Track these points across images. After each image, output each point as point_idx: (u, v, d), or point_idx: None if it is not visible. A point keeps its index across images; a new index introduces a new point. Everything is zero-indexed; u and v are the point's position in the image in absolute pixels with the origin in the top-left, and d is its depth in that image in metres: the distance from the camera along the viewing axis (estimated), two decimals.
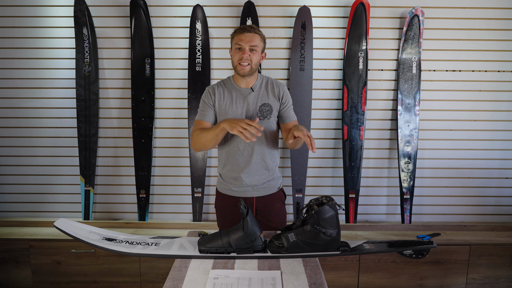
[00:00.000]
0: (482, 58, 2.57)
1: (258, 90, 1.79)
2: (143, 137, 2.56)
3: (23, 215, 2.70)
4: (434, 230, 2.58)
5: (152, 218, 2.71)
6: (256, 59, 1.73)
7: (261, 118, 1.77)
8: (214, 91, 1.80)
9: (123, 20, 2.51)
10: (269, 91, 1.80)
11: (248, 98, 1.78)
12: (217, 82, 1.85)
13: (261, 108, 1.77)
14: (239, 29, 1.74)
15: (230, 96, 1.79)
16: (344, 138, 2.56)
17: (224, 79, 1.86)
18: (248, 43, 1.70)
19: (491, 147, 2.66)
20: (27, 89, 2.57)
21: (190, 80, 2.52)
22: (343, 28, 2.53)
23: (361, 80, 2.52)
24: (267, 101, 1.78)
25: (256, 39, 1.72)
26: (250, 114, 1.77)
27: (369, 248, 1.45)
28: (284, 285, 1.21)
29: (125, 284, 2.42)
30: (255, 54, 1.72)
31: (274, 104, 1.79)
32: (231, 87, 1.80)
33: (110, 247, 1.39)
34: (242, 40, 1.71)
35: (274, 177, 1.84)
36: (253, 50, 1.71)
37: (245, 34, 1.71)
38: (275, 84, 1.82)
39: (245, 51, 1.70)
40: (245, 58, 1.70)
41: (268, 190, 1.83)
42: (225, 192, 1.84)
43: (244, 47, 1.70)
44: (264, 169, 1.80)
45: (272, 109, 1.78)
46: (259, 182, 1.80)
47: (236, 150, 1.77)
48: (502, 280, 2.46)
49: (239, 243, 1.38)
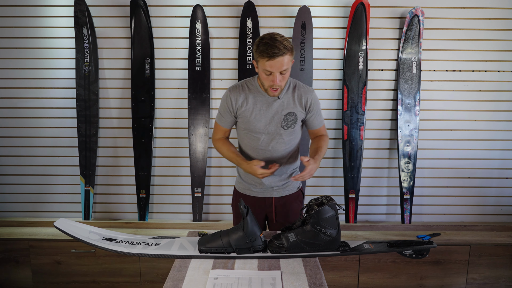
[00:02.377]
0: (482, 58, 2.57)
1: (284, 98, 1.67)
2: (143, 137, 2.56)
3: (23, 215, 2.70)
4: (434, 230, 2.58)
5: (152, 218, 2.71)
6: (286, 78, 1.59)
7: (285, 128, 1.69)
8: (236, 97, 1.67)
9: (123, 20, 2.51)
10: (295, 99, 1.68)
11: (273, 105, 1.66)
12: (240, 82, 1.72)
13: (286, 118, 1.67)
14: (267, 53, 1.49)
15: (254, 101, 1.67)
16: (344, 138, 2.56)
17: (248, 80, 1.72)
18: (279, 69, 1.52)
19: (491, 147, 2.66)
20: (27, 89, 2.57)
21: (190, 80, 2.52)
22: (343, 28, 2.53)
23: (361, 80, 2.52)
24: (292, 109, 1.67)
25: (286, 60, 1.51)
26: (274, 123, 1.67)
27: (369, 248, 1.45)
28: (284, 285, 1.21)
29: (125, 284, 2.42)
30: (286, 74, 1.56)
31: (299, 113, 1.69)
32: (256, 92, 1.67)
33: (110, 247, 1.39)
34: (271, 66, 1.51)
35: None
36: (284, 72, 1.55)
37: (276, 60, 1.49)
38: (302, 92, 1.69)
39: (275, 79, 1.54)
40: (276, 85, 1.56)
41: (287, 191, 1.81)
42: (244, 192, 1.82)
43: (275, 74, 1.53)
44: (284, 173, 1.78)
45: (297, 119, 1.69)
46: (279, 184, 1.78)
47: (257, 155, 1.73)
48: (502, 280, 2.46)
49: (239, 243, 1.38)
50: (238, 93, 1.69)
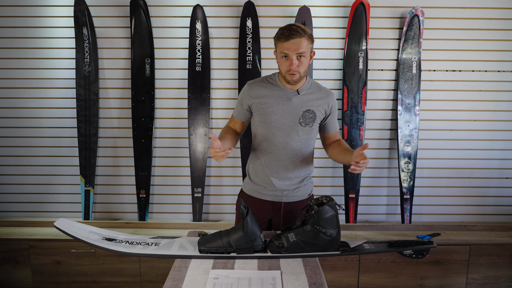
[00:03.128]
0: (482, 58, 2.57)
1: (304, 94, 1.64)
2: (143, 137, 2.56)
3: (23, 215, 2.70)
4: (434, 230, 2.58)
5: (152, 218, 2.71)
6: (305, 65, 1.54)
7: (302, 125, 1.63)
8: (253, 90, 1.65)
9: (123, 20, 2.51)
10: (317, 98, 1.65)
11: (292, 100, 1.62)
12: (261, 78, 1.70)
13: (304, 114, 1.63)
14: (283, 35, 1.50)
15: (273, 94, 1.63)
16: (344, 138, 2.56)
17: (269, 75, 1.70)
18: (295, 51, 1.49)
19: (491, 147, 2.66)
20: (27, 89, 2.57)
21: (190, 80, 2.52)
22: (343, 28, 2.53)
23: (361, 80, 2.52)
24: (312, 107, 1.63)
25: (304, 44, 1.50)
26: (291, 118, 1.63)
27: (369, 248, 1.45)
28: (284, 285, 1.21)
29: (125, 284, 2.42)
30: (303, 60, 1.53)
31: (318, 113, 1.65)
32: (276, 86, 1.64)
33: (110, 247, 1.39)
34: (288, 48, 1.49)
35: (306, 184, 1.75)
36: (301, 56, 1.51)
37: (291, 41, 1.49)
38: (324, 93, 1.67)
39: (292, 62, 1.51)
40: (293, 70, 1.52)
41: (298, 197, 1.74)
42: (252, 194, 1.75)
43: (291, 57, 1.51)
44: (296, 177, 1.71)
45: (316, 117, 1.65)
46: (290, 188, 1.71)
47: (271, 153, 1.68)
48: (502, 280, 2.46)
49: (239, 243, 1.38)
50: (256, 86, 1.66)
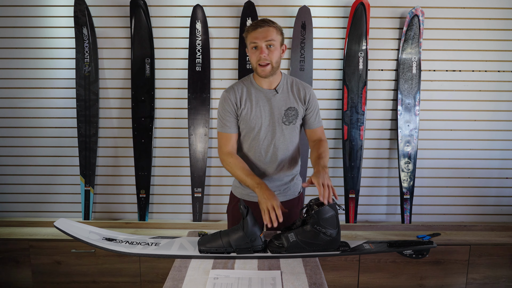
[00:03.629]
0: (482, 58, 2.57)
1: (283, 92, 1.64)
2: (143, 137, 2.56)
3: (23, 215, 2.70)
4: (434, 230, 2.58)
5: (152, 218, 2.71)
6: (276, 55, 1.56)
7: (286, 124, 1.64)
8: (235, 95, 1.63)
9: (123, 20, 2.51)
10: (295, 93, 1.65)
11: (272, 101, 1.63)
12: (235, 83, 1.69)
13: (287, 113, 1.63)
14: (251, 26, 1.56)
15: (252, 99, 1.63)
16: (344, 138, 2.56)
17: (244, 78, 1.69)
18: (264, 39, 1.52)
19: (491, 147, 2.66)
20: (27, 89, 2.57)
21: (190, 80, 2.52)
22: (343, 28, 2.53)
23: (361, 80, 2.52)
24: (292, 104, 1.64)
25: (272, 33, 1.53)
26: (275, 118, 1.63)
27: (369, 248, 1.44)
28: (284, 285, 1.21)
29: (125, 284, 2.42)
30: (274, 50, 1.55)
31: (299, 108, 1.65)
32: (253, 89, 1.64)
33: (110, 247, 1.39)
34: (256, 37, 1.53)
35: (294, 183, 1.76)
36: (271, 46, 1.53)
37: (258, 30, 1.53)
38: (300, 86, 1.68)
39: (262, 50, 1.53)
40: (263, 58, 1.53)
41: (288, 196, 1.75)
42: (242, 197, 1.74)
43: (260, 45, 1.53)
44: (286, 176, 1.72)
45: (298, 114, 1.65)
46: (280, 189, 1.72)
47: (258, 155, 1.67)
48: (502, 280, 2.46)
49: (239, 243, 1.38)
50: (236, 91, 1.64)
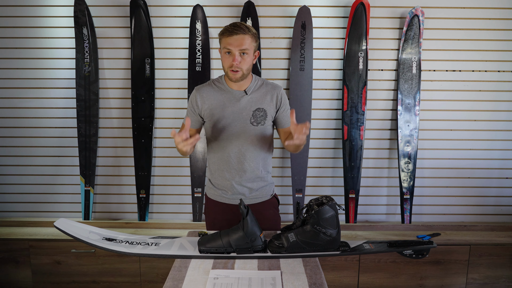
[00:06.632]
0: (482, 58, 2.57)
1: (252, 93, 1.66)
2: (143, 137, 2.56)
3: (23, 215, 2.70)
4: (434, 230, 2.58)
5: (152, 218, 2.71)
6: (248, 63, 1.57)
7: (254, 124, 1.65)
8: (202, 95, 1.66)
9: (123, 20, 2.51)
10: (264, 94, 1.67)
11: (240, 101, 1.64)
12: (207, 82, 1.72)
13: (255, 113, 1.65)
14: (227, 30, 1.54)
15: (221, 99, 1.65)
16: (344, 138, 2.56)
17: (216, 78, 1.72)
18: (238, 47, 1.53)
19: (491, 147, 2.66)
20: (27, 89, 2.57)
21: (190, 80, 2.52)
22: (343, 28, 2.53)
23: (361, 80, 2.52)
24: (261, 105, 1.66)
25: (247, 41, 1.54)
26: (242, 119, 1.65)
27: (369, 248, 1.45)
28: (284, 285, 1.21)
29: (125, 284, 2.42)
30: (246, 58, 1.56)
31: (269, 109, 1.67)
32: (223, 89, 1.67)
33: (110, 247, 1.39)
34: (230, 44, 1.53)
35: (267, 184, 1.76)
36: (244, 53, 1.55)
37: (234, 37, 1.52)
38: (271, 87, 1.69)
39: (235, 58, 1.53)
40: (235, 66, 1.54)
41: (260, 198, 1.75)
42: (215, 198, 1.76)
43: (234, 52, 1.54)
44: (257, 177, 1.71)
45: (267, 115, 1.67)
46: (252, 190, 1.72)
47: (227, 157, 1.68)
48: (502, 280, 2.46)
49: (239, 243, 1.38)
50: (204, 91, 1.67)
